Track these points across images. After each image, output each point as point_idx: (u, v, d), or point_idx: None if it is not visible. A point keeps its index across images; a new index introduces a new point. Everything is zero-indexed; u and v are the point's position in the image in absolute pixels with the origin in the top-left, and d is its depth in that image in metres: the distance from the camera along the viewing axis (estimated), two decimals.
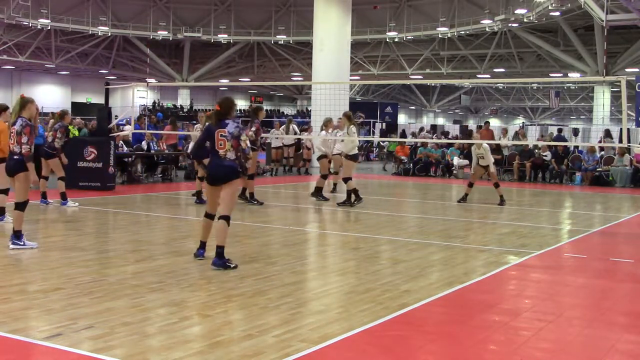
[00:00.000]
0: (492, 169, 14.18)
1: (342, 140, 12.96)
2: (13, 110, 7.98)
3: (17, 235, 7.62)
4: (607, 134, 25.82)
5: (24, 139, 7.67)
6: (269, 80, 49.06)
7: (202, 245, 7.35)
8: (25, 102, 7.88)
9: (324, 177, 13.94)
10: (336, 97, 19.29)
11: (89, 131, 21.17)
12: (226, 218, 6.94)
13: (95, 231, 9.62)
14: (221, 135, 6.99)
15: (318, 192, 13.66)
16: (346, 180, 12.85)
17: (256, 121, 12.55)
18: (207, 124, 7.95)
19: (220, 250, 6.87)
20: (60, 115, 11.93)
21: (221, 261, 6.85)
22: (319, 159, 14.14)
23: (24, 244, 7.61)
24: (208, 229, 7.34)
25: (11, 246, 7.59)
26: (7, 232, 8.49)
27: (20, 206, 7.67)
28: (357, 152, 13.17)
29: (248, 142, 7.12)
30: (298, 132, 22.20)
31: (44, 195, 11.67)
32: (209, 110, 35.90)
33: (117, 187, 15.08)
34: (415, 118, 72.23)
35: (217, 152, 7.01)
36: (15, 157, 7.76)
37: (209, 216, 7.26)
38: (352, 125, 12.82)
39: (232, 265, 6.89)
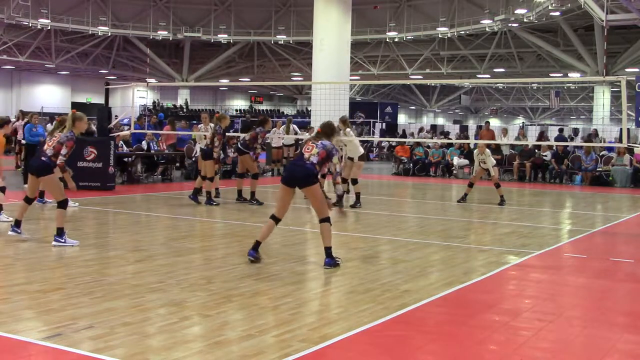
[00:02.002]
0: (493, 172, 14.23)
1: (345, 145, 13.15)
2: (63, 122, 8.26)
3: (59, 233, 7.87)
4: (595, 134, 25.92)
5: (63, 151, 7.93)
6: (269, 80, 49.07)
7: (256, 246, 7.25)
8: (74, 119, 8.17)
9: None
10: (336, 97, 19.28)
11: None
12: (326, 219, 7.14)
13: (95, 231, 9.62)
14: (312, 143, 7.21)
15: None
16: (355, 181, 12.97)
17: (260, 129, 12.71)
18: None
19: (328, 250, 7.12)
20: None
21: (331, 260, 7.10)
22: None
23: (65, 242, 7.84)
24: (269, 230, 7.34)
25: (53, 243, 7.84)
26: (2, 231, 8.53)
27: (62, 204, 7.91)
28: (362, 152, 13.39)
29: (338, 167, 7.41)
30: (298, 132, 22.21)
31: (41, 195, 11.71)
32: (218, 112, 35.82)
33: (117, 187, 15.08)
34: (415, 118, 72.22)
35: (302, 154, 7.19)
36: (44, 158, 7.95)
37: (275, 219, 7.27)
38: (347, 128, 13.00)
39: (339, 262, 7.18)
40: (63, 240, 7.84)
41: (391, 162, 27.73)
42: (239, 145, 13.11)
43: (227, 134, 14.43)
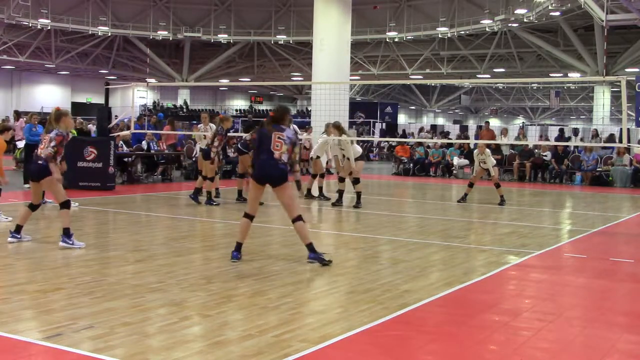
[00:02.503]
0: (493, 172, 14.23)
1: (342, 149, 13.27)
2: (49, 121, 8.15)
3: (66, 234, 7.84)
4: (596, 134, 25.91)
5: (52, 143, 7.86)
6: (269, 80, 49.03)
7: (238, 247, 7.36)
8: (59, 115, 8.05)
9: (322, 176, 14.26)
10: (336, 97, 19.28)
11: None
12: (299, 218, 7.17)
13: (95, 231, 9.62)
14: (279, 138, 7.17)
15: (309, 193, 14.20)
16: (357, 180, 13.07)
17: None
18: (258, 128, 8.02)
19: (311, 246, 7.18)
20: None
21: (315, 255, 7.15)
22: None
23: (72, 243, 7.81)
24: (246, 230, 7.39)
25: (60, 243, 7.81)
26: (2, 231, 8.52)
27: (64, 205, 7.90)
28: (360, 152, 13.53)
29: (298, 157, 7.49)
30: (298, 131, 22.20)
31: (42, 195, 11.69)
32: (218, 112, 35.80)
33: (117, 187, 15.09)
34: (415, 118, 72.21)
35: (272, 153, 7.15)
36: (40, 162, 7.91)
37: (249, 217, 7.32)
38: (343, 134, 13.17)
39: (325, 260, 7.15)
40: (71, 242, 7.79)
41: (391, 162, 27.74)
42: (239, 146, 13.13)
43: (228, 134, 14.46)
